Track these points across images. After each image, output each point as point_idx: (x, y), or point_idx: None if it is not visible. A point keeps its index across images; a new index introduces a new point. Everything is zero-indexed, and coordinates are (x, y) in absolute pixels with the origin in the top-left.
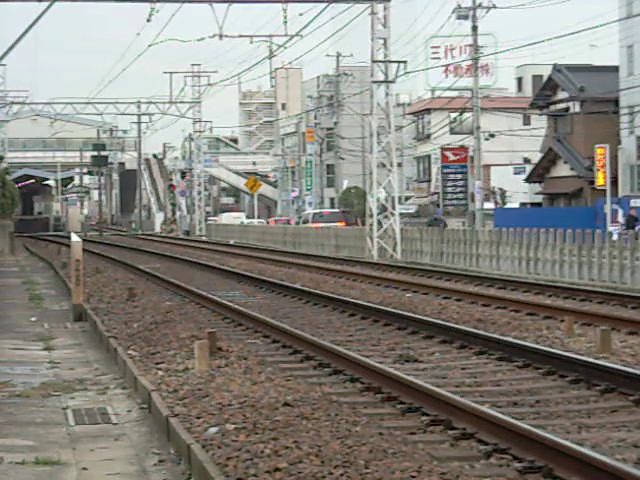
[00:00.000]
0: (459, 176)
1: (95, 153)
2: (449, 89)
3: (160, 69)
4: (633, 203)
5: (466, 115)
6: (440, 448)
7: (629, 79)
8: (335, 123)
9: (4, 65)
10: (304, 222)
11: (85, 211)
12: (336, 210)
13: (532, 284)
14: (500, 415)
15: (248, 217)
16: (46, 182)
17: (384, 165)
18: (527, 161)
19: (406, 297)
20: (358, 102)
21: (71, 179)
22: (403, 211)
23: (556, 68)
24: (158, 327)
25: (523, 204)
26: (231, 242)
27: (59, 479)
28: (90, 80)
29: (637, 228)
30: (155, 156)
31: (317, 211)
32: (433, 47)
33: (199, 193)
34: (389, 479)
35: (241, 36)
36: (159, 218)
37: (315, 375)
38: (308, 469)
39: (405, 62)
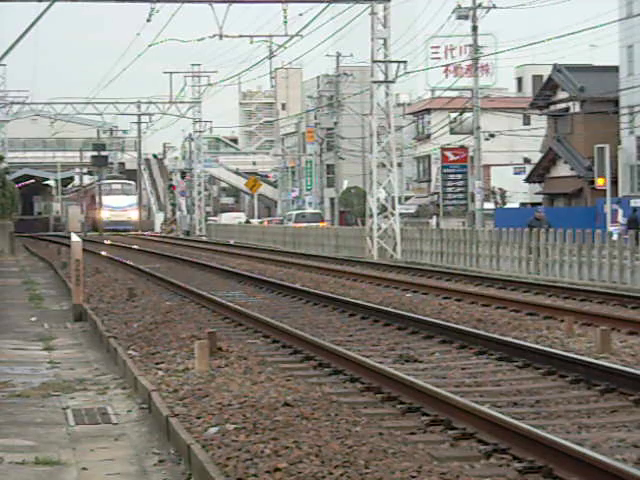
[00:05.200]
0: (459, 176)
1: (95, 153)
2: (449, 89)
3: (160, 69)
4: (633, 203)
5: (466, 115)
6: (440, 448)
7: (629, 79)
8: (335, 123)
9: (4, 65)
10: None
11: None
12: (317, 211)
13: (532, 284)
14: (500, 415)
15: (248, 217)
16: (46, 182)
17: (384, 165)
18: (527, 161)
19: (406, 297)
20: (358, 102)
21: (71, 179)
22: (403, 211)
23: (556, 68)
24: (158, 327)
25: (523, 204)
26: (231, 242)
27: (59, 479)
28: (90, 80)
29: None
30: (155, 156)
31: (299, 212)
32: (433, 47)
33: (199, 193)
34: (389, 479)
35: (241, 36)
36: (159, 218)
37: (315, 375)
38: (308, 469)
39: (405, 62)
